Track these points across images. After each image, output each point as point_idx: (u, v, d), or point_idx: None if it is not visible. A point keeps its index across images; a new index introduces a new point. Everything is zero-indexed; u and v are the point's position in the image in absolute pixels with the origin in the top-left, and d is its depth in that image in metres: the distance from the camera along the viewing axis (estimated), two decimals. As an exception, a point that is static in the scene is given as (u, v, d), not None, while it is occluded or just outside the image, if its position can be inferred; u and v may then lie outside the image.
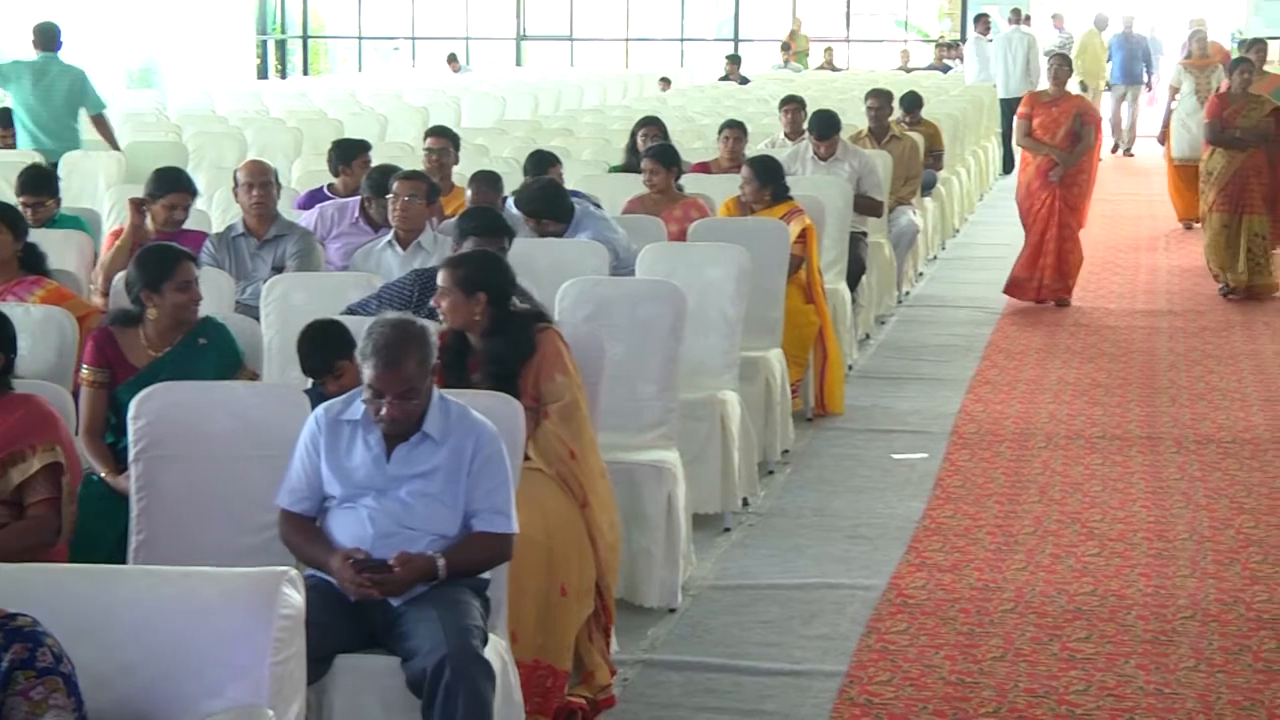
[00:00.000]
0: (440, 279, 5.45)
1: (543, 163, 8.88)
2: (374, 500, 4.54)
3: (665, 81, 22.54)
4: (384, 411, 4.48)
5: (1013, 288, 12.01)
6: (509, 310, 5.44)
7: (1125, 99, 22.78)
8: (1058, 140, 11.78)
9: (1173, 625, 5.99)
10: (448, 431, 4.56)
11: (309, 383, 5.44)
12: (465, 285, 5.38)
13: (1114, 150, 22.51)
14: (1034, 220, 11.96)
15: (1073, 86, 22.70)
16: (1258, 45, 14.86)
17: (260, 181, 7.50)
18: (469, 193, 8.15)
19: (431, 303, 5.56)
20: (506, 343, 5.40)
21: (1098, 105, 22.53)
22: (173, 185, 7.51)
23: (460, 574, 4.51)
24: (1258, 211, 12.25)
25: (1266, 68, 14.80)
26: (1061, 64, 12.16)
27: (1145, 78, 22.94)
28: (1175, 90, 15.76)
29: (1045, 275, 11.92)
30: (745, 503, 7.37)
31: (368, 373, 4.48)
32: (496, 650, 4.54)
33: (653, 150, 9.21)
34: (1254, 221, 12.22)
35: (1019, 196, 12.21)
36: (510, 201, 8.18)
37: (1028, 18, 23.75)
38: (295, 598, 3.71)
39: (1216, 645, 5.81)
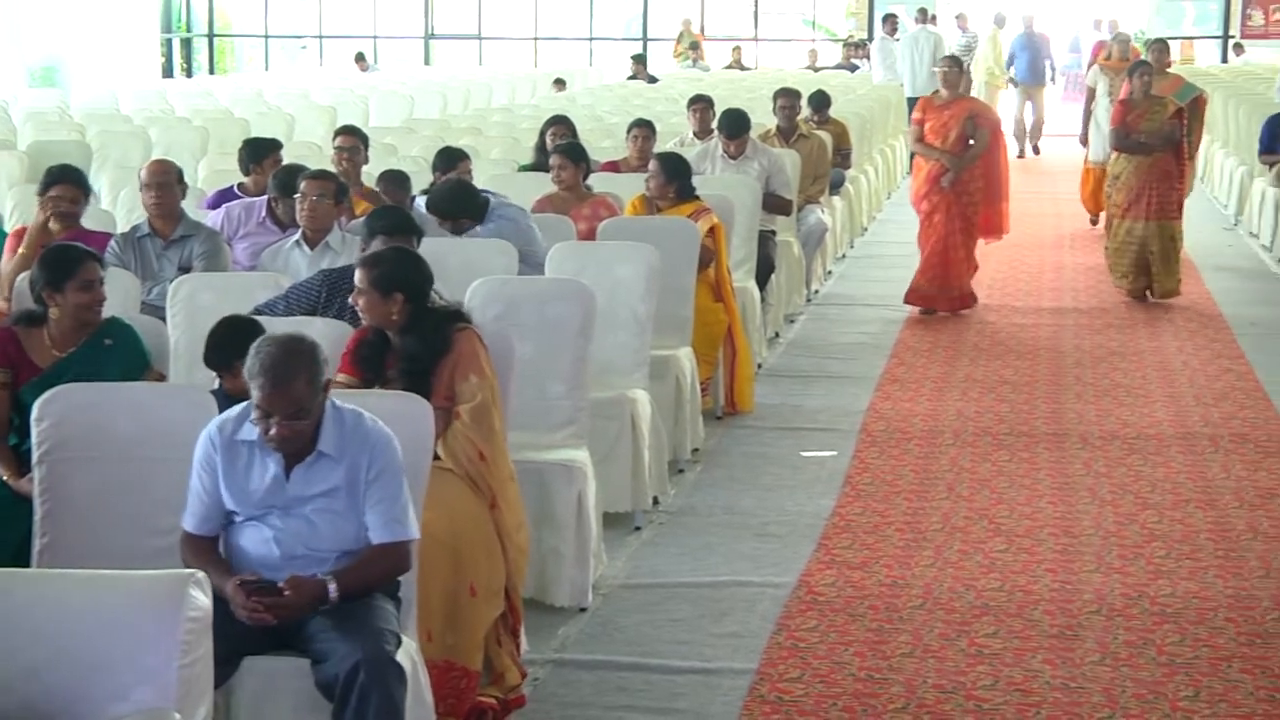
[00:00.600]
0: (357, 278, 5.42)
1: (451, 159, 8.86)
2: (279, 519, 4.49)
3: (560, 83, 21.98)
4: (272, 431, 4.41)
5: (914, 297, 11.73)
6: (426, 308, 5.43)
7: (1030, 99, 22.67)
8: (949, 144, 11.47)
9: (1078, 620, 6.06)
10: (344, 446, 4.48)
11: (216, 383, 5.40)
12: (382, 285, 5.36)
13: (1020, 155, 22.45)
14: (930, 227, 11.66)
15: (978, 88, 22.94)
16: (1158, 45, 14.61)
17: (158, 182, 7.42)
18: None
19: (350, 300, 5.54)
20: (421, 341, 5.39)
21: (996, 104, 22.59)
22: (59, 177, 7.42)
23: (356, 593, 4.44)
24: (1168, 216, 12.00)
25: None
26: (951, 66, 11.86)
27: (1048, 76, 23.01)
28: (1093, 91, 15.72)
29: (950, 283, 11.64)
30: (655, 501, 7.38)
31: (255, 393, 4.40)
32: (407, 651, 4.52)
33: (561, 147, 9.22)
34: (1160, 227, 11.96)
35: (913, 201, 11.97)
36: (419, 200, 8.16)
37: (934, 17, 23.92)
38: (202, 600, 3.68)
39: (1121, 639, 5.88)
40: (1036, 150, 22.70)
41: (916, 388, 9.65)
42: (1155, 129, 12.03)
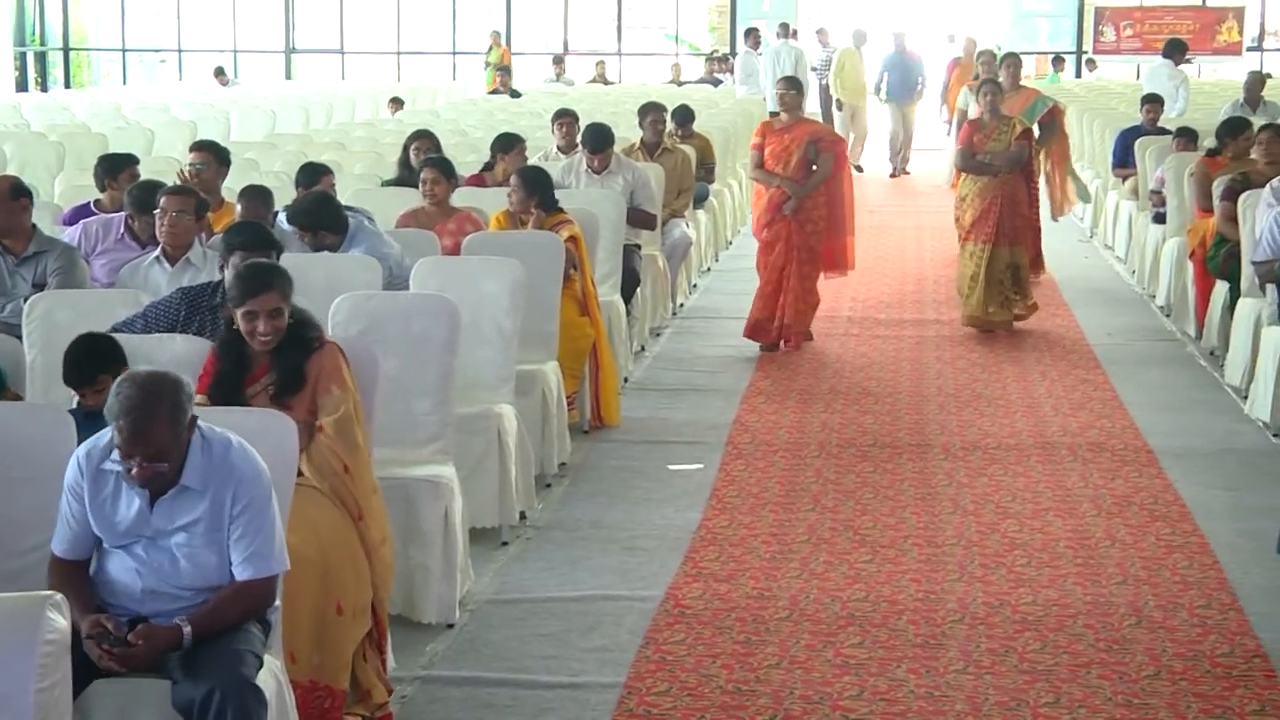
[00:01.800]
0: (264, 301, 5.31)
1: (314, 174, 8.79)
2: (144, 550, 4.44)
3: (396, 102, 21.05)
4: (134, 472, 4.34)
5: (754, 331, 11.02)
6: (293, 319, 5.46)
7: (902, 116, 22.11)
8: (790, 170, 10.81)
9: (942, 629, 6.12)
10: (209, 478, 4.41)
11: (74, 402, 5.32)
12: (288, 295, 5.36)
13: (893, 175, 22.01)
14: (770, 257, 11.00)
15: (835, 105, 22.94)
16: (1010, 60, 14.36)
17: None
18: (239, 207, 8.03)
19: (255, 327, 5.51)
20: (302, 349, 5.38)
21: (863, 125, 22.52)
22: None
23: (214, 633, 4.37)
24: (1014, 241, 11.50)
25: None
26: (788, 88, 11.04)
27: (918, 94, 22.68)
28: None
29: (787, 315, 10.92)
30: (523, 516, 7.37)
31: (116, 434, 4.32)
32: (272, 671, 4.48)
33: (433, 161, 9.19)
34: (1010, 252, 11.47)
35: (755, 231, 11.34)
36: (281, 216, 8.09)
37: (795, 32, 24.09)
38: (60, 622, 3.62)
39: (984, 647, 5.95)
40: (905, 171, 22.23)
41: (781, 400, 9.72)
42: (1001, 150, 11.52)
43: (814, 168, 10.90)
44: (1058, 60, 27.10)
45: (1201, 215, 11.02)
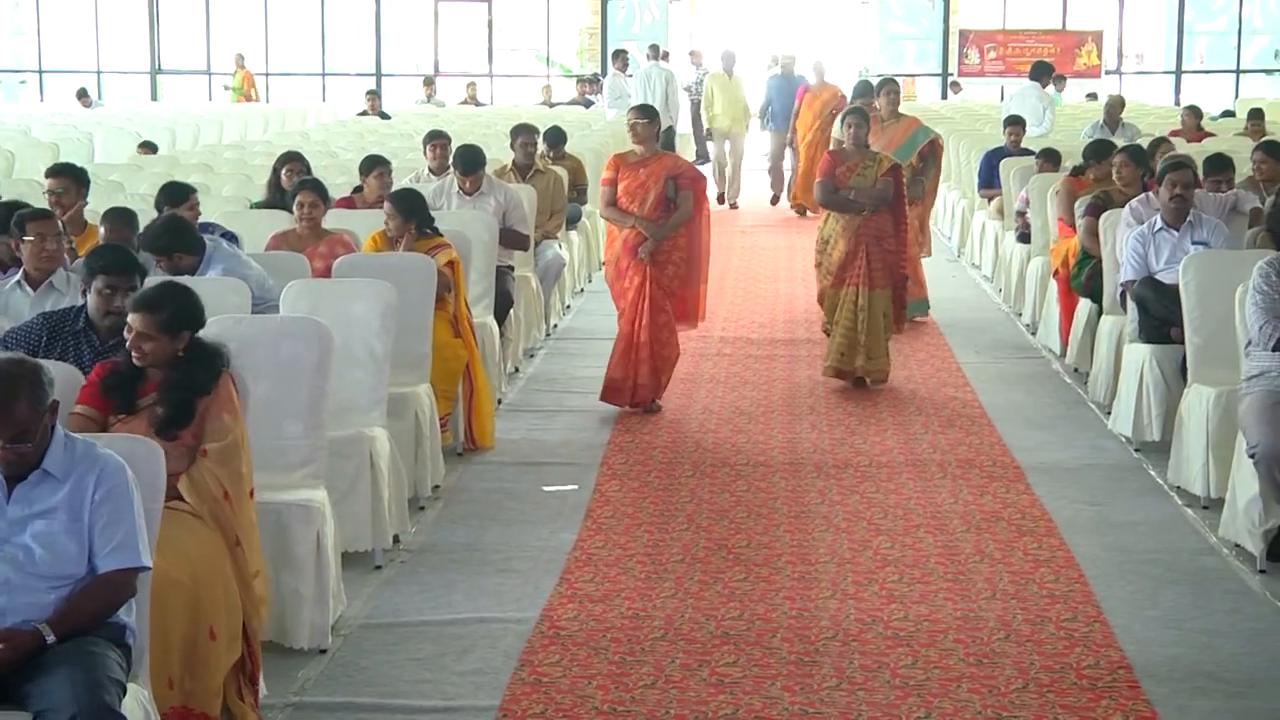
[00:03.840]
0: (139, 323, 5.39)
1: (178, 195, 8.64)
2: None
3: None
4: None
5: (609, 393, 9.91)
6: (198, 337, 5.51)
7: (788, 145, 20.81)
8: (647, 209, 9.74)
9: (816, 646, 6.16)
10: (71, 468, 4.47)
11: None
12: (171, 327, 5.40)
13: (774, 202, 21.19)
14: (626, 305, 9.91)
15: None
16: (888, 86, 13.43)
17: None
18: (102, 230, 7.91)
19: (128, 346, 5.47)
20: (205, 368, 5.42)
21: (739, 152, 22.12)
22: None
23: (78, 631, 4.37)
24: (878, 285, 10.56)
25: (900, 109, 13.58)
26: (640, 117, 9.93)
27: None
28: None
29: (640, 373, 9.84)
30: (396, 539, 7.33)
31: None
32: (138, 700, 4.42)
33: (308, 183, 9.12)
34: (874, 296, 10.54)
35: (608, 277, 10.19)
36: (145, 241, 7.98)
37: (666, 54, 24.18)
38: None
39: (857, 664, 5.99)
40: (800, 210, 20.63)
41: (655, 420, 9.73)
42: (866, 185, 10.59)
43: (672, 206, 9.85)
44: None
45: (1065, 233, 11.17)
